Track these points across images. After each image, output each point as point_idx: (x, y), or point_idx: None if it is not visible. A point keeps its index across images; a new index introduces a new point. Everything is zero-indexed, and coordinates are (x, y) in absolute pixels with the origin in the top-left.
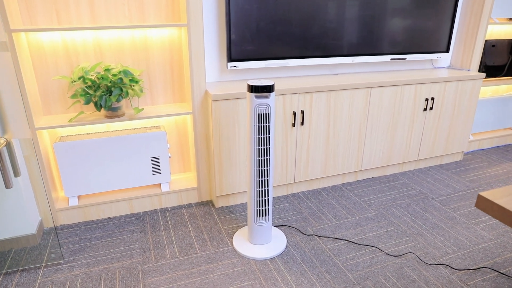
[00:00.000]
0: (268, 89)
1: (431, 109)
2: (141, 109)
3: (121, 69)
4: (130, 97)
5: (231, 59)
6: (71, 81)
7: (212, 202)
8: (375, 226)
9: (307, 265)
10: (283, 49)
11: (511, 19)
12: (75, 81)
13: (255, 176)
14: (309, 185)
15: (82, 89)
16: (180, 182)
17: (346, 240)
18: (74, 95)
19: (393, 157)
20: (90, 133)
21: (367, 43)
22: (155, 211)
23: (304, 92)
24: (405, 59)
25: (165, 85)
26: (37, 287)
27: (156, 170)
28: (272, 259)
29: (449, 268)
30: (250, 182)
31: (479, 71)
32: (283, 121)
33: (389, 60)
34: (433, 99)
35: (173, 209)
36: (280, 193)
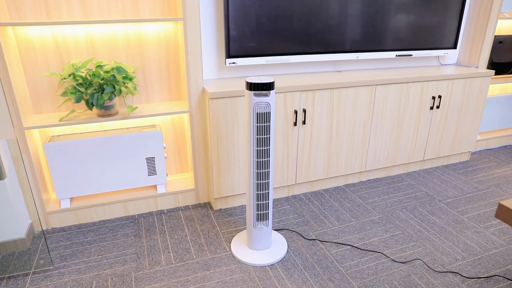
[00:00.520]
0: (268, 86)
1: (438, 107)
2: (135, 108)
3: (114, 66)
4: (123, 95)
5: (229, 55)
6: (61, 78)
7: (210, 204)
8: (380, 230)
9: (309, 272)
10: (284, 45)
11: None
12: (65, 78)
13: (254, 178)
14: (311, 186)
15: (72, 87)
16: (177, 183)
17: (349, 245)
18: (64, 93)
19: (398, 157)
20: (82, 133)
21: (372, 38)
22: (150, 214)
23: (306, 89)
24: (411, 55)
25: (161, 82)
26: None
27: (151, 171)
28: (272, 266)
29: (459, 276)
30: (248, 185)
31: (486, 68)
32: (284, 120)
33: (395, 56)
34: (440, 97)
35: (170, 211)
36: (280, 194)
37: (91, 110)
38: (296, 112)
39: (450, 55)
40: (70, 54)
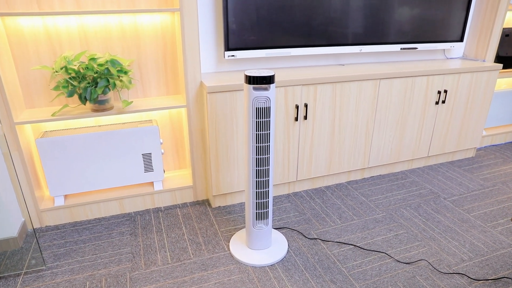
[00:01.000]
0: (268, 80)
1: (443, 102)
2: (130, 102)
3: (108, 59)
4: (118, 89)
5: (228, 47)
6: (53, 72)
7: (208, 201)
8: (384, 229)
9: (310, 273)
10: (285, 37)
11: None
12: (57, 72)
13: (253, 176)
14: (313, 183)
15: (64, 80)
16: (174, 180)
17: (352, 244)
18: (56, 87)
19: (402, 154)
20: (76, 128)
21: (376, 31)
22: (147, 211)
23: (307, 83)
24: (416, 48)
25: (158, 76)
26: None
27: (148, 167)
28: (272, 266)
29: (466, 277)
30: (247, 183)
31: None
32: (285, 115)
33: (399, 49)
34: (445, 91)
35: (167, 209)
36: (281, 192)
37: (85, 104)
38: (297, 106)
39: (455, 49)
40: (62, 46)
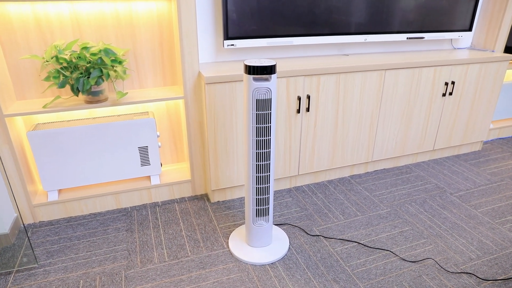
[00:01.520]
0: (269, 70)
1: (450, 94)
2: (125, 93)
3: (102, 48)
4: (113, 80)
5: (228, 36)
6: (44, 61)
7: (207, 196)
8: (388, 225)
9: (312, 272)
10: (287, 25)
11: None
12: (47, 61)
13: (253, 171)
14: (315, 177)
15: (55, 71)
16: (172, 174)
17: (356, 242)
18: (47, 78)
19: (407, 147)
20: (70, 120)
21: (381, 19)
22: (144, 206)
23: (310, 74)
24: (423, 38)
25: (154, 66)
26: None
27: (144, 161)
28: (272, 264)
29: (474, 277)
30: (247, 178)
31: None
32: (287, 107)
33: (405, 39)
34: (453, 83)
35: (164, 203)
36: (282, 186)
37: (77, 96)
38: (299, 98)
39: (463, 39)
40: (54, 35)
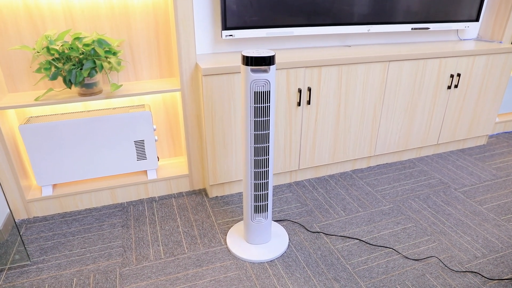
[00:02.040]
0: (267, 61)
1: (456, 86)
2: (120, 86)
3: (95, 38)
4: (107, 72)
5: (226, 26)
6: (35, 52)
7: (205, 191)
8: (391, 222)
9: (312, 270)
10: (287, 15)
11: None
12: (38, 52)
13: (251, 166)
14: (316, 172)
15: (47, 62)
16: (169, 168)
17: (357, 239)
18: (38, 69)
19: (410, 141)
20: (64, 114)
21: (385, 9)
22: (140, 201)
23: (311, 66)
24: (428, 28)
25: (150, 57)
26: None
27: (141, 155)
28: (271, 262)
29: (480, 276)
30: (245, 173)
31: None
32: (287, 100)
33: (410, 29)
34: (459, 75)
35: (161, 198)
36: (282, 181)
37: (70, 88)
38: (300, 90)
39: (470, 29)
40: (46, 25)
